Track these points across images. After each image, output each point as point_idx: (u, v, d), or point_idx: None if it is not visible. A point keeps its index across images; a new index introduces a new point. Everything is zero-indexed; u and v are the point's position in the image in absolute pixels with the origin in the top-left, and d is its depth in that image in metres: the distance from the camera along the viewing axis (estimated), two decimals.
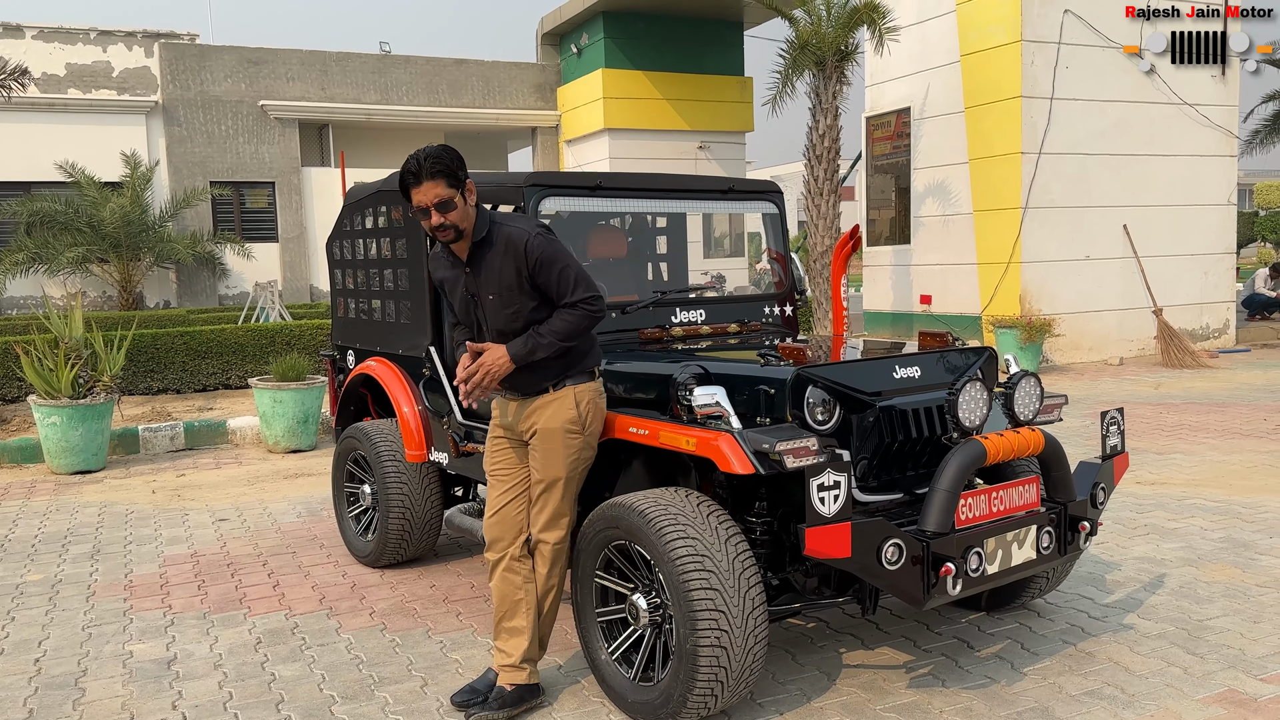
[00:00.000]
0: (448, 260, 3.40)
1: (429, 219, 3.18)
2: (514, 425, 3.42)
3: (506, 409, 3.45)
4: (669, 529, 3.05)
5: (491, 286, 3.27)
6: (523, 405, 3.38)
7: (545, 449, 3.35)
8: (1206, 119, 13.07)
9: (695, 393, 3.16)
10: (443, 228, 3.19)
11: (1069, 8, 12.00)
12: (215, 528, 5.92)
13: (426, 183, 3.14)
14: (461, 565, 5.01)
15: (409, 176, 3.16)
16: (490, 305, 3.28)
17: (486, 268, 3.27)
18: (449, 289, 3.43)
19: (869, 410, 3.34)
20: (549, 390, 3.34)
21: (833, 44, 11.73)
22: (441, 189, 3.14)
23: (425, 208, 3.16)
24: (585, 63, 21.90)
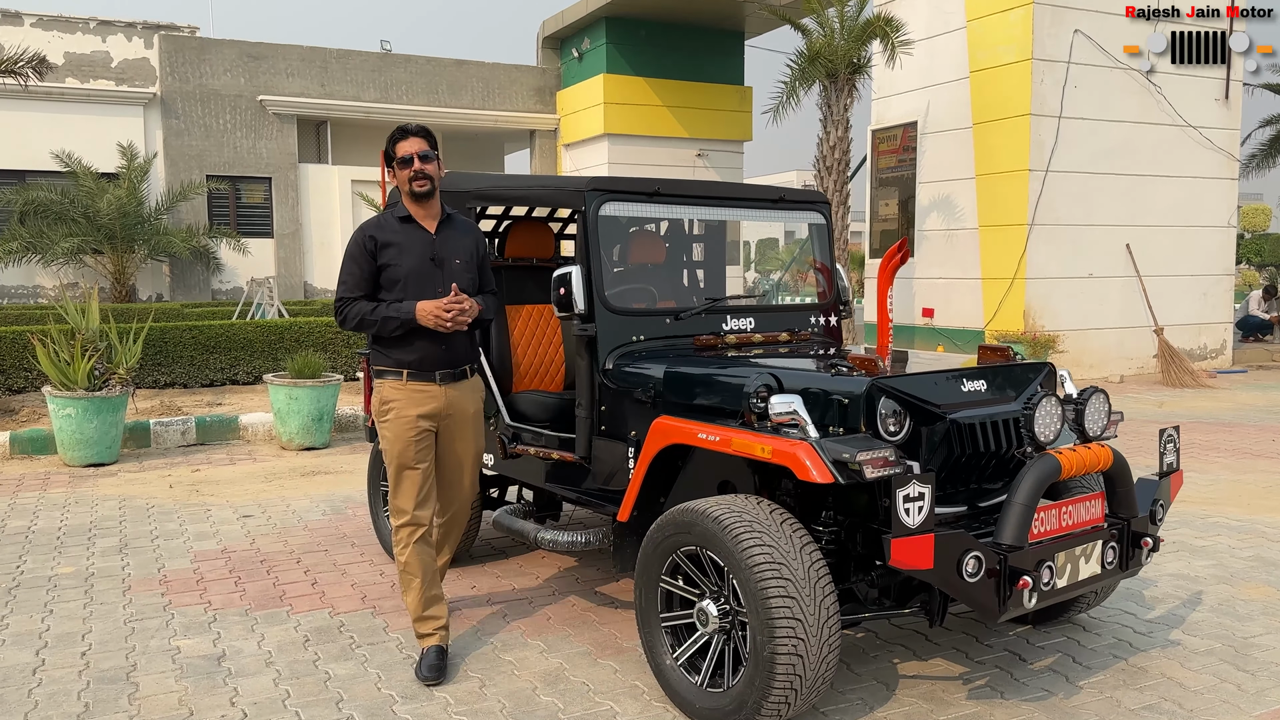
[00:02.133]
0: (400, 228, 3.74)
1: (410, 166, 3.64)
2: (438, 411, 3.74)
3: (428, 396, 3.73)
4: (746, 536, 3.06)
5: (460, 254, 3.78)
6: (446, 390, 3.75)
7: (475, 427, 3.87)
8: (1210, 141, 13.23)
9: (772, 401, 3.18)
10: (421, 175, 3.65)
11: (1079, 28, 12.13)
12: (241, 524, 5.88)
13: (415, 138, 3.68)
14: (498, 567, 5.00)
15: (399, 132, 3.70)
16: (457, 267, 3.74)
17: (452, 239, 3.79)
18: (395, 252, 3.68)
19: (939, 423, 3.36)
20: (468, 374, 3.82)
21: (844, 56, 11.81)
22: (425, 145, 3.68)
23: (409, 155, 3.64)
24: (586, 67, 21.92)
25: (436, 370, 3.72)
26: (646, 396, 3.84)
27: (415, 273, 3.67)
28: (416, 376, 3.71)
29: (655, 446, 3.60)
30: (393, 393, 3.73)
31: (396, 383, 3.73)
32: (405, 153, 3.63)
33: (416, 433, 3.70)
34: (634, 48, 21.14)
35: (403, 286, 3.68)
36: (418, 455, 3.70)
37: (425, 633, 3.78)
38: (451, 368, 3.75)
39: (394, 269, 3.68)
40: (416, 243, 3.70)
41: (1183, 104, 12.97)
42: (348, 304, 3.71)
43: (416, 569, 3.75)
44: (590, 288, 3.99)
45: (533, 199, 4.55)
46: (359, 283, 3.70)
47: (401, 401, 3.71)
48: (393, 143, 3.67)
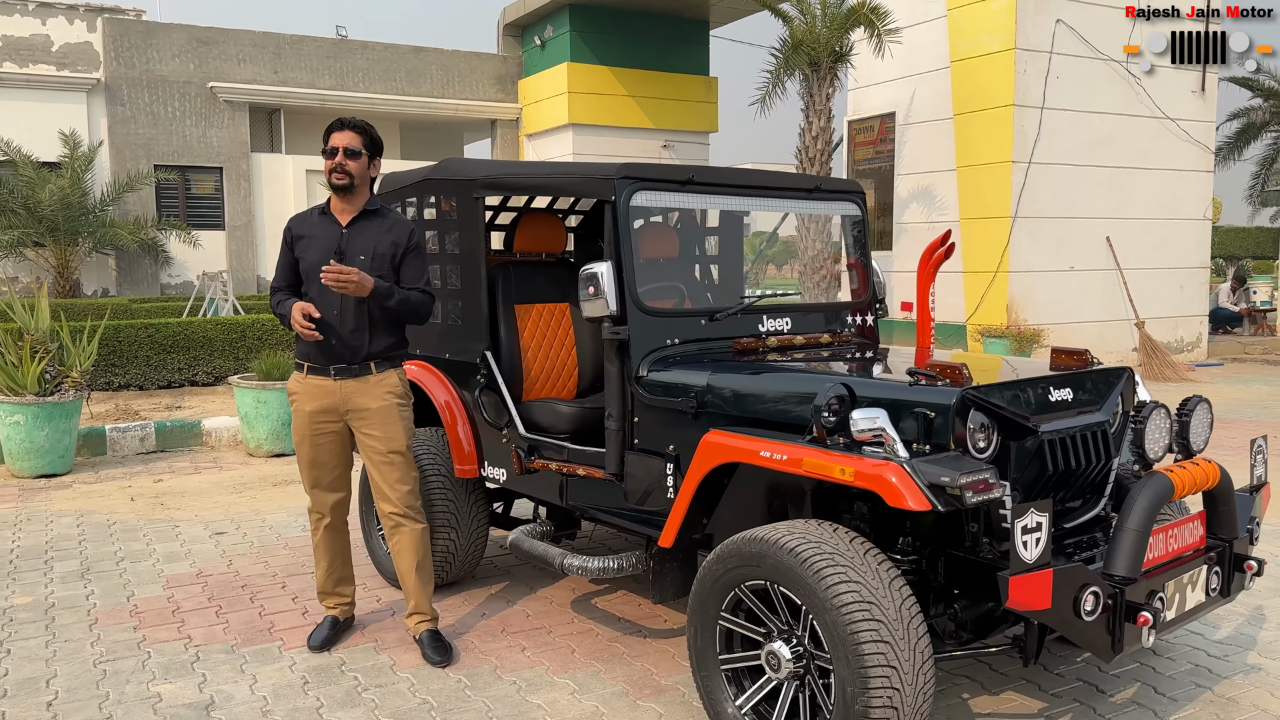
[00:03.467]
0: (316, 220, 3.74)
1: (333, 158, 3.61)
2: (334, 407, 3.71)
3: (323, 391, 3.70)
4: (829, 571, 2.70)
5: (365, 250, 3.66)
6: (342, 385, 3.69)
7: (383, 423, 3.72)
8: (1187, 134, 13.15)
9: (854, 416, 2.81)
10: (339, 169, 3.61)
11: (1061, 17, 11.94)
12: (215, 542, 5.40)
13: (349, 131, 3.64)
14: (507, 590, 4.58)
15: (336, 123, 3.66)
16: (360, 264, 3.62)
17: (365, 234, 3.69)
18: (305, 245, 3.69)
19: (1029, 437, 3.03)
20: (372, 369, 3.71)
21: (827, 44, 11.49)
22: (356, 143, 3.64)
23: (335, 148, 3.61)
24: (549, 56, 21.43)
25: (331, 365, 3.70)
26: (689, 408, 3.45)
27: (315, 266, 3.63)
28: (314, 370, 3.74)
29: (706, 464, 3.21)
30: (295, 385, 3.81)
31: (298, 376, 3.80)
32: (332, 144, 3.63)
33: (312, 427, 3.76)
34: (598, 36, 20.68)
35: (307, 280, 3.71)
36: (311, 449, 3.79)
37: (328, 605, 4.02)
38: (347, 362, 3.69)
39: (302, 262, 3.72)
40: (325, 236, 3.71)
41: (1161, 96, 12.87)
42: (273, 293, 3.83)
43: (324, 552, 3.95)
44: (622, 286, 3.59)
45: (550, 188, 4.13)
46: (282, 273, 3.81)
47: (300, 395, 3.77)
48: (328, 131, 3.66)
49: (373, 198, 3.80)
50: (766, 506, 3.45)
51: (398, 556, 3.83)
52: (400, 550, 3.82)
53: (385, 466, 3.75)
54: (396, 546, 3.83)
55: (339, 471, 3.86)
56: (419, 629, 3.87)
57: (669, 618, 4.21)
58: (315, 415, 3.73)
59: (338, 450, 3.82)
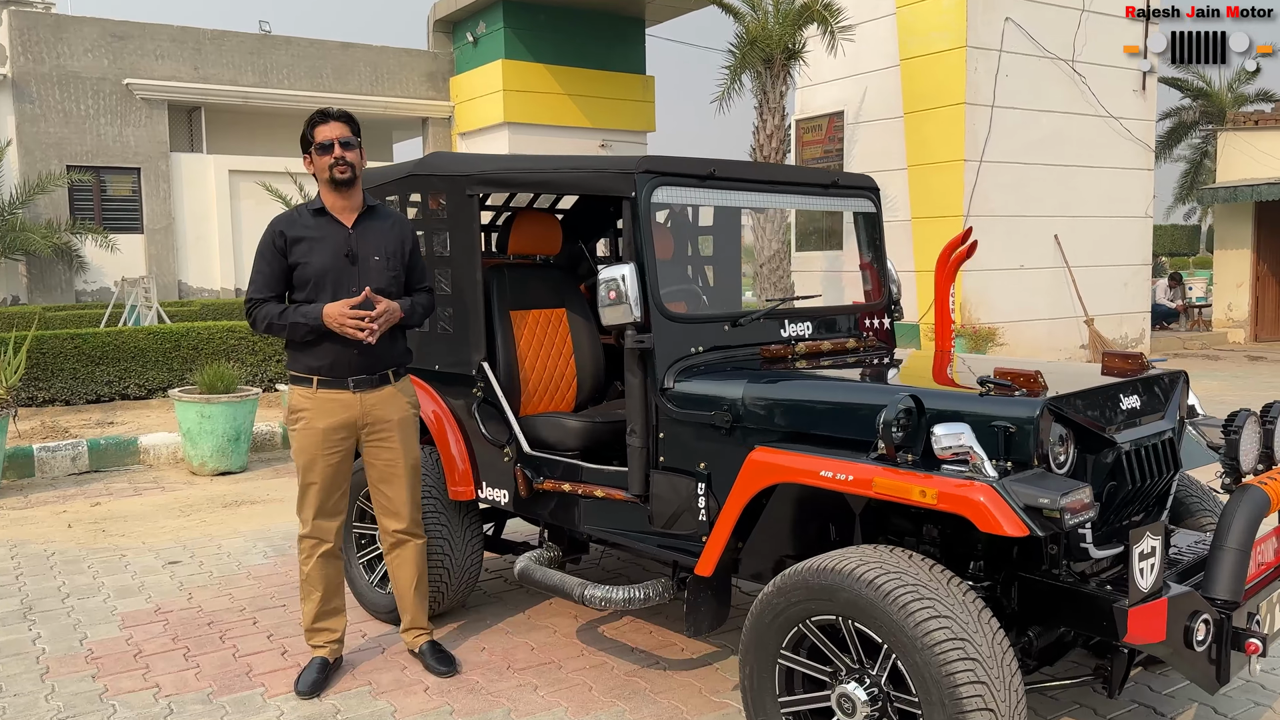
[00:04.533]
0: (312, 222, 3.42)
1: (330, 152, 3.34)
2: (352, 421, 3.44)
3: (340, 405, 3.42)
4: (916, 605, 2.43)
5: (379, 250, 3.44)
6: (363, 398, 3.43)
7: (403, 436, 3.52)
8: (1129, 132, 13.32)
9: (936, 431, 2.55)
10: (341, 162, 3.35)
11: (1010, 15, 11.96)
12: (169, 573, 4.94)
13: (337, 122, 3.39)
14: (504, 621, 4.24)
15: (318, 116, 3.40)
16: (375, 265, 3.42)
17: (373, 233, 3.46)
18: (306, 249, 3.38)
19: (1108, 448, 2.81)
20: (390, 379, 3.49)
21: (780, 41, 11.31)
22: (348, 133, 3.39)
23: (329, 141, 3.35)
24: (482, 53, 20.97)
25: (350, 376, 3.42)
26: (723, 422, 3.16)
27: (327, 271, 3.39)
28: (328, 384, 3.43)
29: (754, 485, 2.93)
30: (303, 400, 3.46)
31: (306, 390, 3.45)
32: (325, 138, 3.37)
33: (326, 446, 3.44)
34: (533, 33, 20.31)
35: (314, 286, 3.40)
36: (324, 470, 3.46)
37: (316, 644, 3.64)
38: (368, 373, 3.45)
39: (305, 267, 3.40)
40: (330, 238, 3.42)
41: (1105, 95, 13.00)
42: (257, 305, 3.43)
43: (318, 582, 3.58)
44: (645, 290, 3.29)
45: (558, 184, 3.79)
46: (268, 282, 3.43)
47: (311, 411, 3.44)
48: (311, 126, 3.40)
49: (368, 197, 3.55)
50: (807, 528, 3.18)
51: (398, 573, 3.63)
52: (401, 566, 3.63)
53: (400, 482, 3.54)
54: (397, 563, 3.63)
55: (343, 491, 3.55)
56: (418, 643, 3.72)
57: (685, 646, 3.92)
58: (331, 433, 3.42)
59: (348, 469, 3.54)
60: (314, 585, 3.58)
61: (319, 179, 3.44)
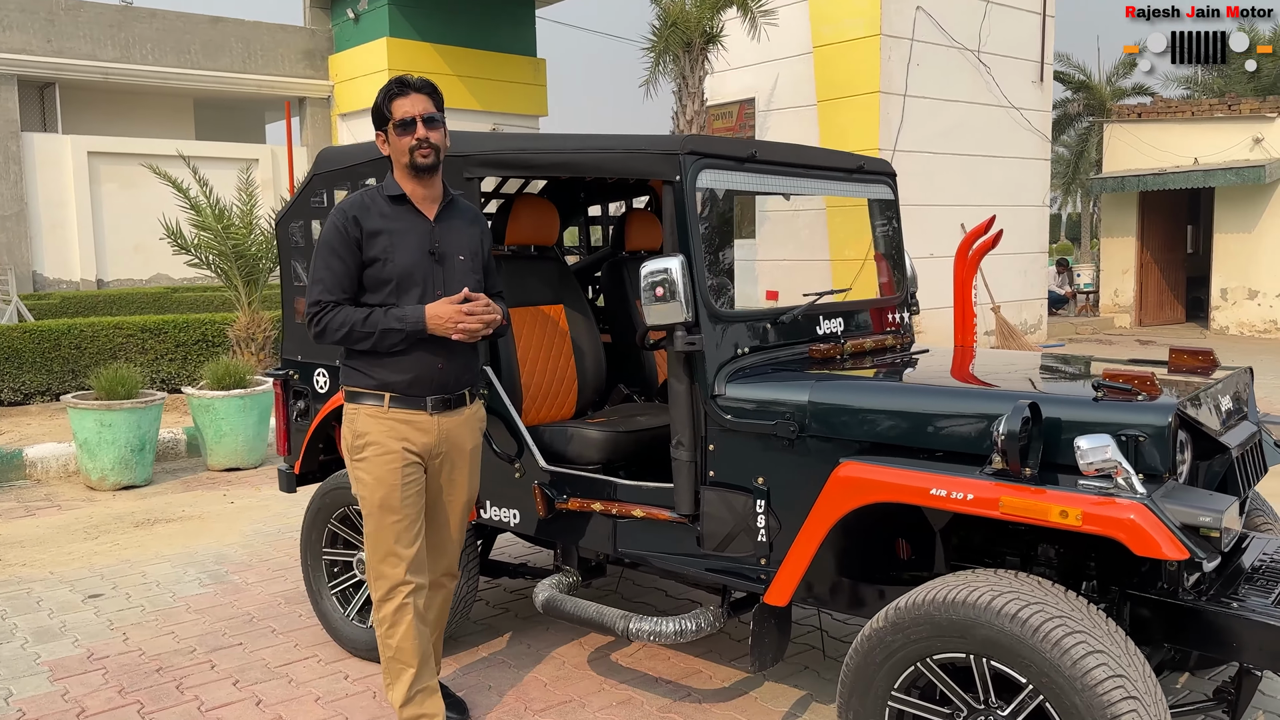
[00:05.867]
0: (389, 210, 2.88)
1: (412, 131, 2.81)
2: (429, 448, 2.92)
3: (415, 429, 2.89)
4: (1071, 640, 2.17)
5: (465, 248, 2.97)
6: (439, 421, 2.92)
7: (473, 468, 3.07)
8: (1028, 123, 13.60)
9: (1080, 444, 2.28)
10: (425, 145, 2.82)
11: (920, 5, 11.99)
12: (93, 609, 4.32)
13: (417, 94, 2.84)
14: (504, 651, 3.82)
15: (397, 86, 2.84)
16: (461, 266, 2.94)
17: (456, 229, 2.97)
18: (387, 243, 2.84)
19: (1220, 454, 2.62)
20: (467, 400, 3.00)
21: (698, 24, 11.03)
22: (431, 105, 2.85)
23: (411, 118, 2.81)
24: (364, 30, 20.02)
25: (429, 395, 2.89)
26: (787, 432, 2.84)
27: (410, 271, 2.86)
28: (403, 402, 2.88)
29: (843, 505, 2.61)
30: (371, 423, 2.89)
31: (376, 410, 2.88)
32: (405, 114, 2.81)
33: (404, 474, 2.87)
34: (418, 11, 19.51)
35: (396, 288, 2.85)
36: (405, 501, 2.88)
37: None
38: (447, 392, 2.93)
39: (384, 265, 2.84)
40: (413, 232, 2.88)
41: (1006, 86, 13.22)
42: (327, 310, 2.84)
43: (411, 654, 2.90)
44: (695, 285, 2.94)
45: (585, 167, 3.35)
46: (340, 281, 2.85)
47: (383, 434, 2.88)
48: (387, 98, 2.84)
49: (447, 185, 3.03)
50: (869, 546, 2.91)
51: (427, 617, 3.02)
52: (428, 610, 3.05)
53: (456, 518, 3.07)
54: (430, 607, 3.07)
55: (421, 525, 2.96)
56: None
57: (713, 674, 3.59)
58: (409, 456, 2.89)
59: (423, 501, 2.98)
60: (406, 660, 2.90)
61: (395, 161, 2.89)
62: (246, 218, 8.46)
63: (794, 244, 12.74)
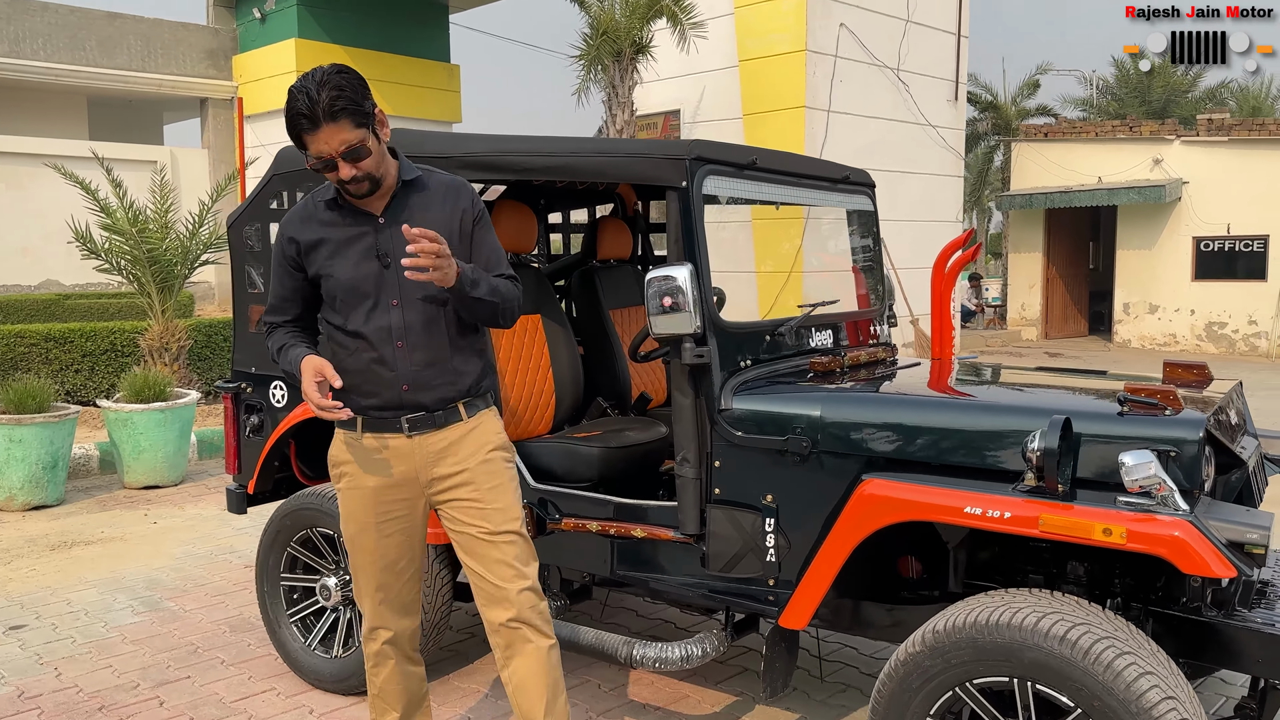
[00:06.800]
0: (328, 217, 2.50)
1: (336, 171, 2.36)
2: (412, 476, 2.53)
3: (393, 455, 2.51)
4: (1123, 663, 2.12)
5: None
6: (423, 443, 2.50)
7: (490, 485, 2.54)
8: (943, 140, 13.91)
9: (1125, 461, 2.24)
10: (355, 180, 2.37)
11: (844, 22, 12.16)
12: (18, 642, 3.97)
13: (327, 126, 2.30)
14: (477, 679, 3.63)
15: (301, 120, 2.31)
16: (407, 265, 2.35)
17: (413, 219, 2.44)
18: (328, 256, 2.48)
19: (1237, 469, 2.62)
20: (461, 414, 2.53)
21: (628, 34, 10.96)
22: (348, 131, 2.32)
23: (330, 158, 2.33)
24: (271, 30, 19.42)
25: (401, 414, 2.49)
26: (798, 448, 2.75)
27: (355, 284, 2.46)
28: (375, 424, 2.51)
29: (868, 523, 2.53)
30: (344, 451, 2.58)
31: (350, 435, 2.56)
32: (321, 153, 2.32)
33: (379, 512, 2.55)
34: (328, 12, 19.03)
35: (344, 306, 2.49)
36: (380, 545, 2.57)
37: None
38: (425, 408, 2.49)
39: (329, 281, 2.49)
40: (355, 238, 2.48)
41: (923, 104, 13.50)
42: (269, 332, 2.63)
43: (394, 698, 2.69)
44: (703, 295, 2.83)
45: (583, 172, 3.17)
46: (279, 304, 2.61)
47: (354, 466, 2.56)
48: (295, 131, 2.33)
49: (403, 162, 2.53)
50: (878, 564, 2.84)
51: (518, 692, 2.52)
52: (522, 681, 2.51)
53: (495, 552, 2.51)
54: (515, 675, 2.51)
55: (413, 571, 2.64)
56: None
57: (701, 699, 3.46)
58: (384, 493, 2.53)
59: (414, 539, 2.61)
60: (389, 701, 2.69)
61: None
62: (161, 221, 8.03)
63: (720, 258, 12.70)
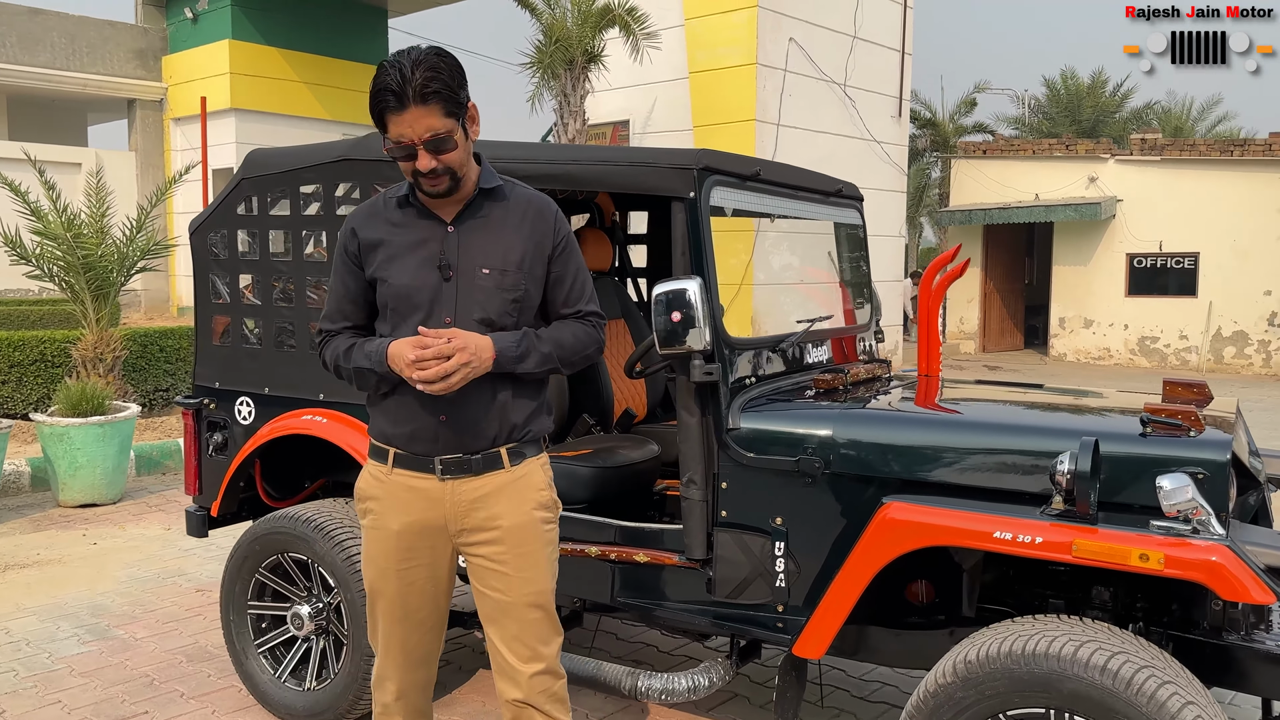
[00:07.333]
0: (396, 216, 2.26)
1: (414, 160, 2.10)
2: (439, 524, 2.25)
3: (420, 498, 2.24)
4: (1165, 692, 2.07)
5: (491, 257, 2.22)
6: (454, 488, 2.22)
7: (522, 550, 2.24)
8: (887, 156, 14.06)
9: (1163, 484, 2.19)
10: (434, 174, 2.12)
11: (793, 37, 12.21)
12: None
13: (416, 108, 2.05)
14: (459, 711, 3.46)
15: (387, 97, 2.05)
16: (483, 282, 2.20)
17: (486, 231, 2.23)
18: (387, 258, 2.23)
19: (1254, 492, 2.60)
20: (504, 462, 2.24)
21: (580, 43, 10.85)
22: (437, 118, 2.07)
23: (410, 145, 2.08)
24: (203, 31, 18.95)
25: (436, 455, 2.22)
26: (811, 469, 2.66)
27: (408, 293, 2.21)
28: (406, 461, 2.25)
29: (891, 549, 2.44)
30: (372, 485, 2.30)
31: (380, 470, 2.29)
32: (402, 137, 2.07)
33: (401, 557, 2.27)
34: (264, 14, 18.64)
35: (395, 315, 2.24)
36: (399, 591, 2.28)
37: None
38: (462, 450, 2.21)
39: (383, 286, 2.25)
40: (418, 242, 2.23)
41: (869, 119, 13.63)
42: (323, 342, 2.35)
43: None
44: (713, 310, 2.74)
45: (586, 181, 3.02)
46: (341, 306, 2.32)
47: (382, 503, 2.28)
48: (378, 107, 2.08)
49: (486, 168, 2.25)
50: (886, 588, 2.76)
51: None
52: None
53: (512, 625, 2.24)
54: None
55: (435, 621, 2.34)
56: None
57: None
58: (408, 537, 2.25)
59: (438, 588, 2.31)
60: None
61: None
62: (97, 226, 7.67)
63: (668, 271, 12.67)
